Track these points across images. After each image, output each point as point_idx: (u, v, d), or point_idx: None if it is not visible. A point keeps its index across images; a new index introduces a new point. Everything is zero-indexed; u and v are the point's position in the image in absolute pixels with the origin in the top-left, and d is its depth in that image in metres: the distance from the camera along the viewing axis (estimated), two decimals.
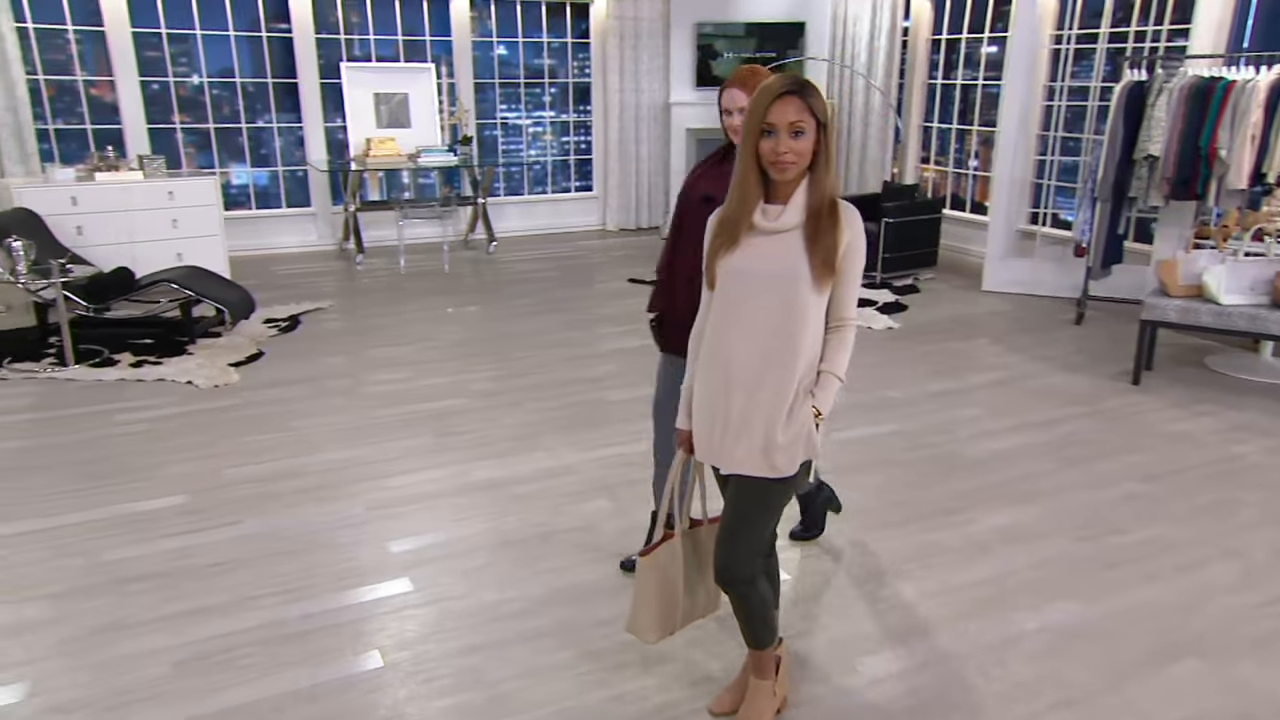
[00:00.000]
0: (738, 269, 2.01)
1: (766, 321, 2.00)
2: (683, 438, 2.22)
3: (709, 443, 2.12)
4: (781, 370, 2.01)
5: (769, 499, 2.12)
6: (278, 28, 8.01)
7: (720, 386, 2.07)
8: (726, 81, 2.44)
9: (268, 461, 3.83)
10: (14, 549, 3.11)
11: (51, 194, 6.00)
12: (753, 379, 2.02)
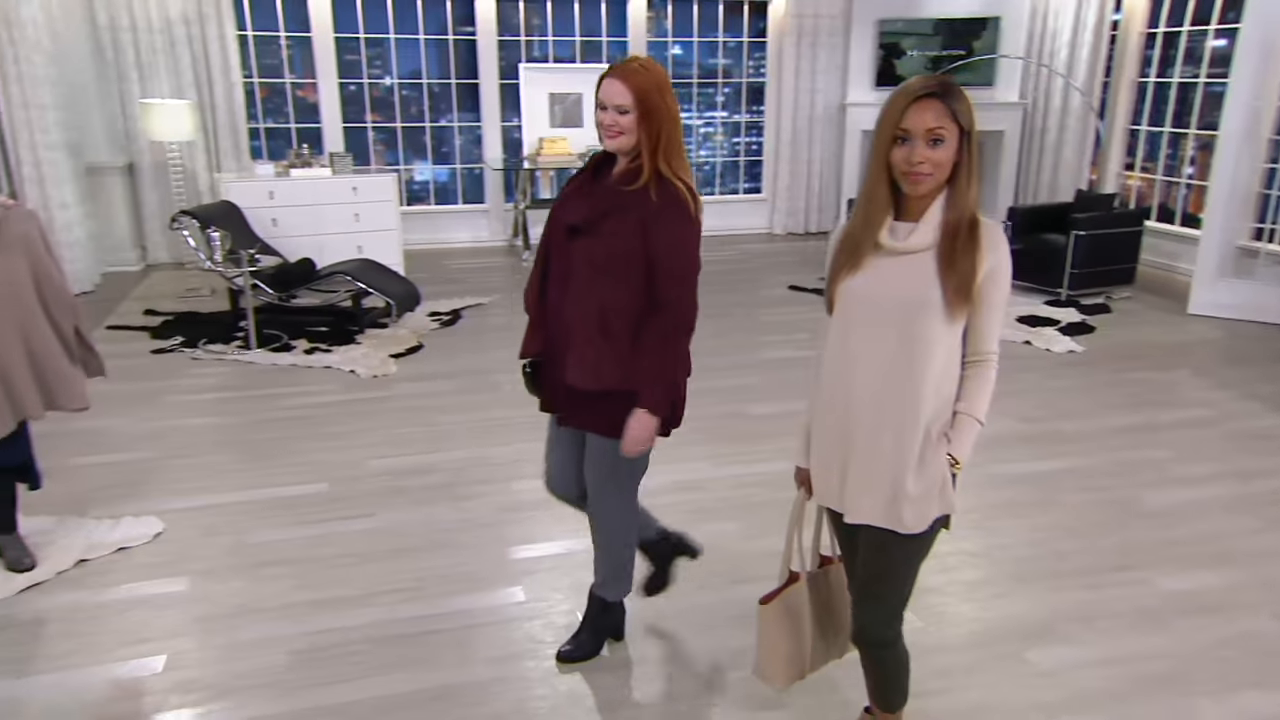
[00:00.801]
0: (859, 293, 1.81)
1: (889, 353, 1.79)
2: (801, 477, 2.05)
3: (827, 486, 1.93)
4: (905, 410, 1.79)
5: (905, 555, 1.88)
6: (464, 30, 8.31)
7: (838, 425, 1.87)
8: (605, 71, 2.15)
9: (407, 455, 3.93)
10: (175, 523, 3.32)
11: (253, 188, 6.49)
12: (874, 419, 1.81)
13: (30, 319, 2.79)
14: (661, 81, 2.10)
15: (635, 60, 2.12)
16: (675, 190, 2.12)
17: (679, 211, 2.13)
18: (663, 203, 2.11)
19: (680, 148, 2.15)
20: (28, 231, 2.81)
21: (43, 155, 6.32)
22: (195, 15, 7.26)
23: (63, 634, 2.66)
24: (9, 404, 2.77)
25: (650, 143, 2.09)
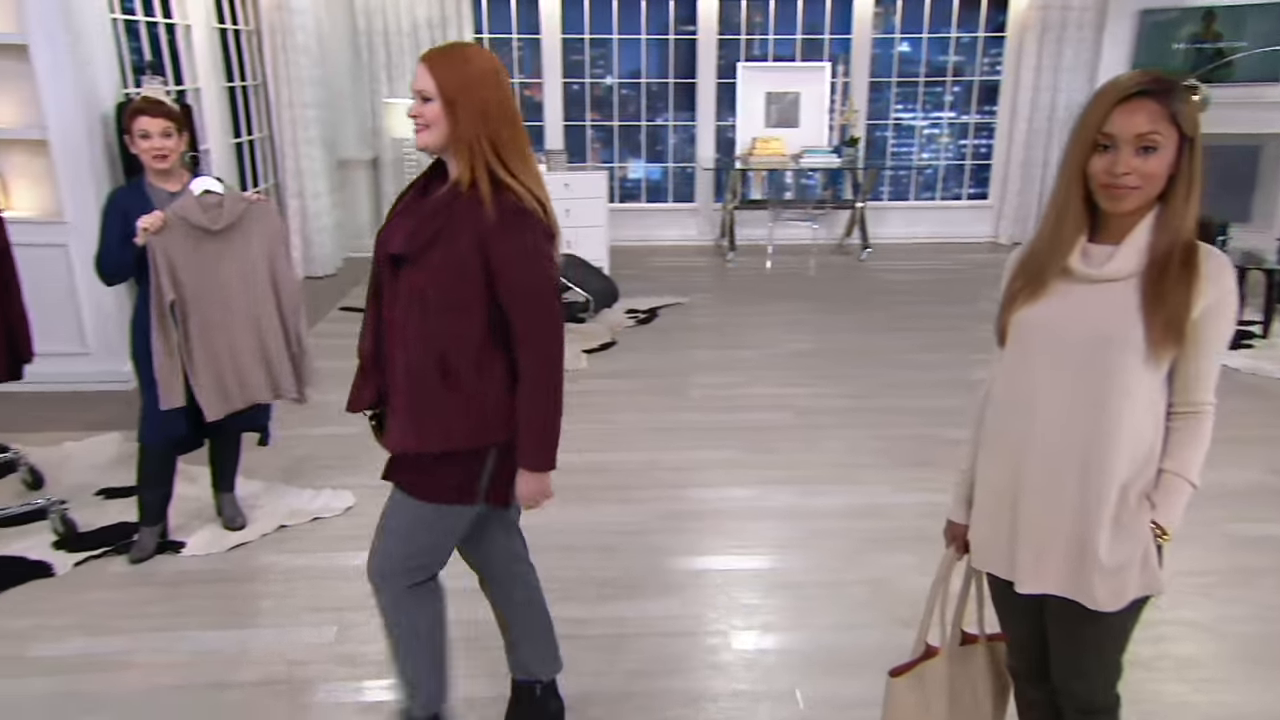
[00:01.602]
0: (1040, 325, 1.57)
1: (1076, 398, 1.54)
2: (954, 533, 1.83)
3: (992, 549, 1.69)
4: (1095, 466, 1.53)
5: (1100, 633, 1.62)
6: (685, 30, 8.35)
7: (1009, 479, 1.63)
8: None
9: (580, 452, 3.97)
10: (365, 499, 3.54)
11: None
12: (1055, 474, 1.56)
13: (263, 309, 3.03)
14: (483, 72, 1.76)
15: (457, 45, 1.81)
16: (516, 198, 1.75)
17: (523, 222, 1.75)
18: (501, 214, 1.74)
19: (523, 152, 1.80)
20: (269, 227, 3.05)
21: (302, 150, 7.00)
22: (438, 19, 7.77)
23: (256, 593, 2.90)
24: (239, 387, 3.04)
25: (469, 141, 1.74)
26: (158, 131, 2.84)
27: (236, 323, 2.98)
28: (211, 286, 2.90)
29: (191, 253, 2.85)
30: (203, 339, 2.91)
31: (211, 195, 2.88)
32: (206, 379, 2.93)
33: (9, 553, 3.09)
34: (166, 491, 3.15)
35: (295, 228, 7.07)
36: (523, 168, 1.78)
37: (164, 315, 2.83)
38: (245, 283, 2.97)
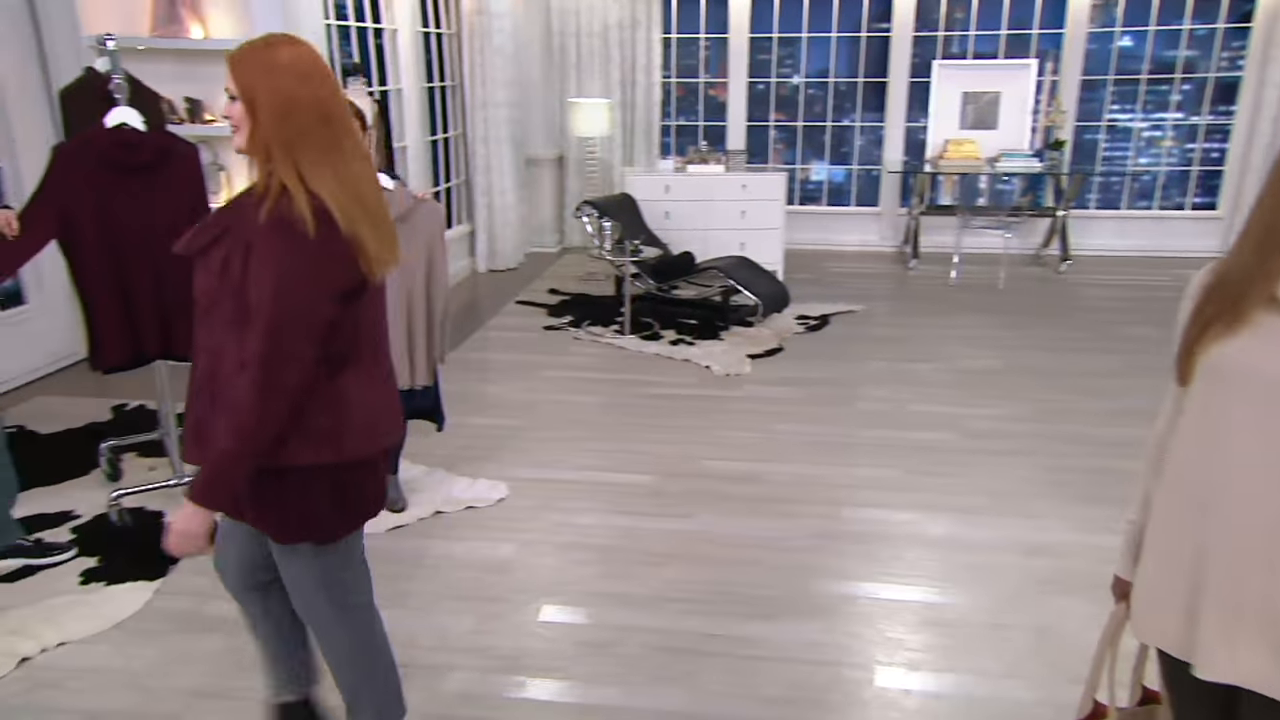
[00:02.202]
0: (1239, 364, 1.34)
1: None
2: (1122, 590, 1.61)
3: (1164, 623, 1.44)
4: None
5: None
6: (878, 27, 8.03)
7: (1191, 537, 1.39)
8: None
9: (737, 460, 3.89)
10: (519, 491, 3.62)
11: (651, 182, 6.88)
12: (1257, 544, 1.32)
13: (415, 300, 3.18)
14: (289, 68, 1.62)
15: (266, 39, 1.67)
16: (290, 208, 1.61)
17: (283, 236, 1.60)
18: (269, 224, 1.61)
19: (329, 152, 1.65)
20: (432, 226, 3.19)
21: (492, 148, 7.30)
22: (628, 20, 7.87)
23: (405, 575, 3.02)
24: (409, 372, 3.18)
25: (265, 142, 1.62)
26: None
27: (399, 316, 3.12)
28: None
29: None
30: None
31: (385, 191, 3.03)
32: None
33: None
34: None
35: (481, 223, 7.37)
36: (329, 174, 1.64)
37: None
38: (404, 273, 3.11)
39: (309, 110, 1.63)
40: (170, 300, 3.09)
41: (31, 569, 3.03)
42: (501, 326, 5.87)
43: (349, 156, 1.68)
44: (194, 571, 3.01)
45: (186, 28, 4.75)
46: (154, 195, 2.99)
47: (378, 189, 1.75)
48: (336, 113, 1.67)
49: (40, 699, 2.40)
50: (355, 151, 1.70)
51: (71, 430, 4.15)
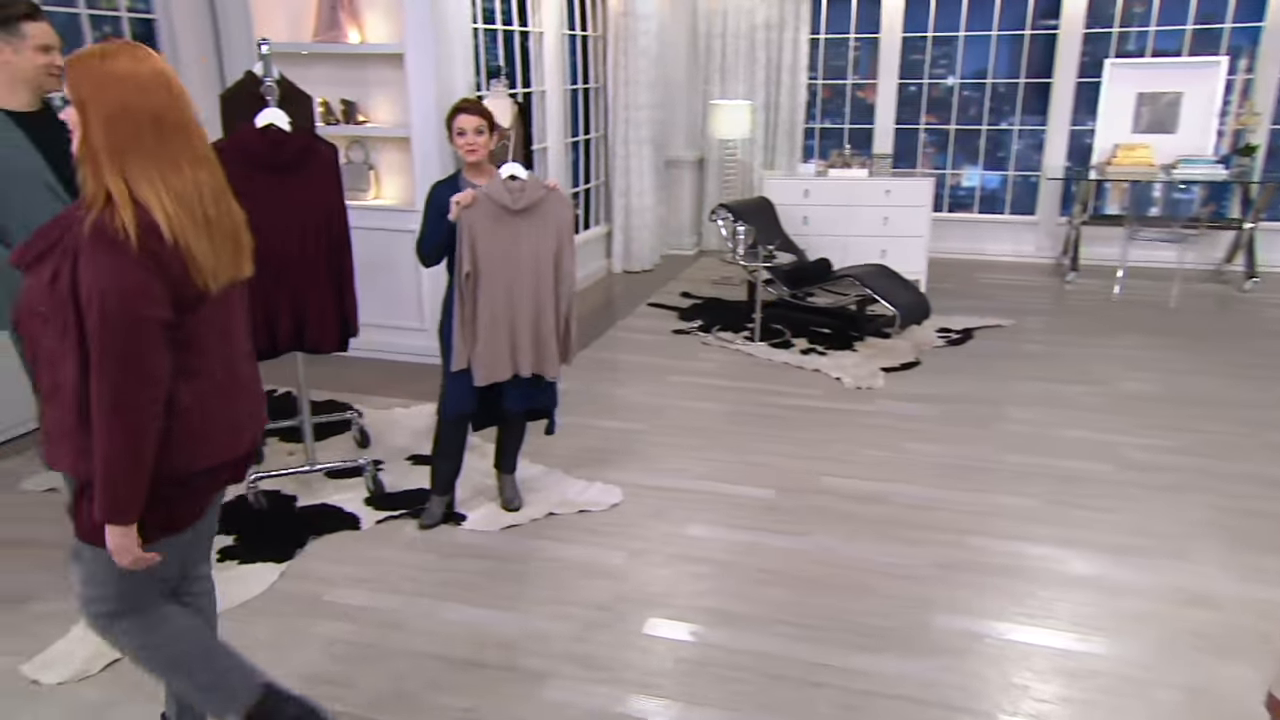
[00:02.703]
0: None
1: None
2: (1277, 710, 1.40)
3: None
4: None
5: None
6: (1044, 24, 7.56)
7: None
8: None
9: (861, 478, 3.71)
10: (633, 497, 3.57)
11: (790, 186, 6.73)
12: None
13: (543, 290, 3.18)
14: (122, 75, 1.61)
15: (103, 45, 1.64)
16: (112, 220, 1.59)
17: (103, 249, 1.58)
18: (90, 236, 1.59)
19: (160, 163, 1.63)
20: (561, 215, 3.20)
21: (632, 149, 7.32)
22: (776, 21, 7.73)
23: (515, 576, 3.03)
24: (510, 357, 3.19)
25: (94, 150, 1.61)
26: (471, 129, 3.07)
27: (518, 297, 3.14)
28: (503, 262, 3.10)
29: (491, 228, 3.06)
30: (487, 309, 3.11)
31: (516, 180, 3.06)
32: (483, 347, 3.12)
33: (331, 502, 3.51)
34: (457, 464, 3.40)
35: (618, 224, 7.41)
36: (159, 185, 1.63)
37: (461, 286, 3.06)
38: (533, 262, 3.12)
39: (140, 120, 1.62)
40: (303, 294, 3.22)
41: None
42: (631, 328, 5.87)
43: (184, 167, 1.67)
44: (319, 558, 3.13)
45: (345, 33, 4.98)
46: (293, 192, 3.13)
47: (219, 200, 1.73)
48: (173, 122, 1.66)
49: None
50: (194, 162, 1.69)
51: None
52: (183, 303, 1.68)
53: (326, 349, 3.35)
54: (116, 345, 1.59)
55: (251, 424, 1.91)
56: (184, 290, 1.67)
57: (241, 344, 1.88)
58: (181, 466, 1.74)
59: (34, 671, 2.50)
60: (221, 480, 1.90)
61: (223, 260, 1.72)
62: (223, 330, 1.80)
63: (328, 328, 3.32)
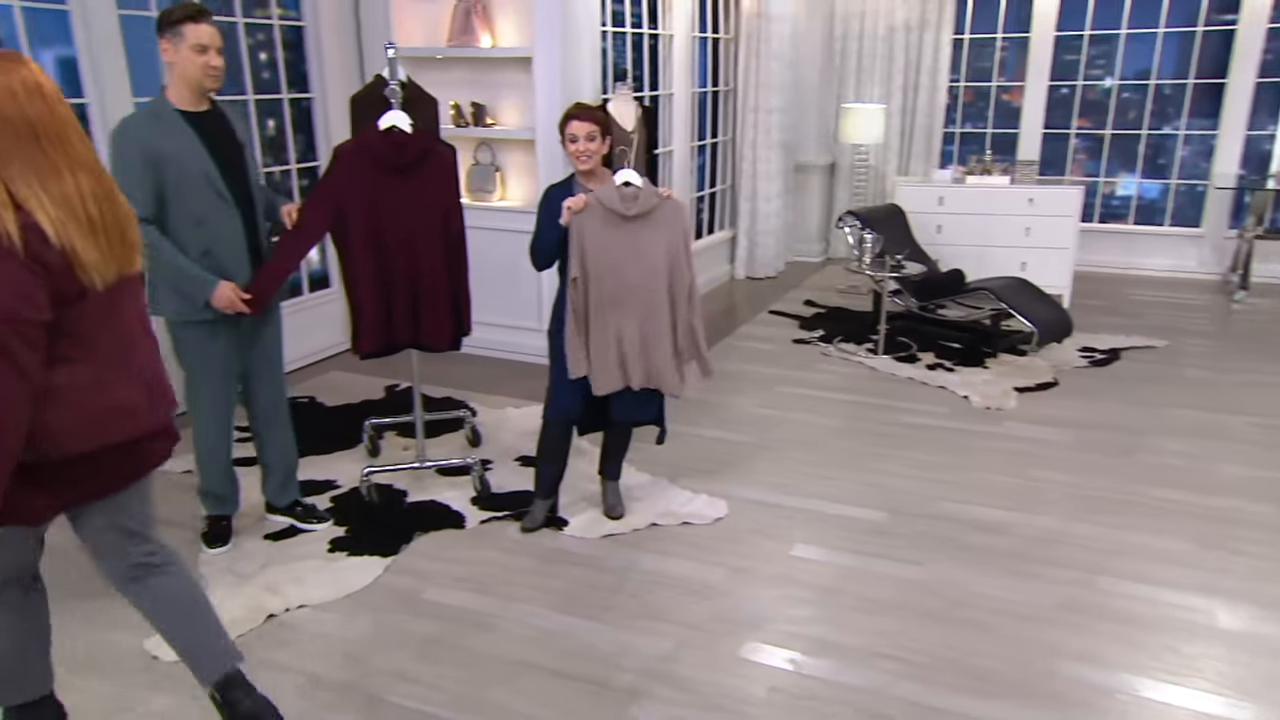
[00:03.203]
0: None
1: None
2: None
3: None
4: None
5: None
6: (1220, 19, 6.96)
7: None
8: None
9: (982, 505, 3.48)
10: (738, 512, 3.47)
11: (924, 193, 6.44)
12: None
13: (656, 299, 3.11)
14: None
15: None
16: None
17: None
18: None
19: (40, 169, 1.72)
20: (678, 223, 3.13)
21: (760, 153, 7.19)
22: (917, 21, 7.43)
23: (611, 587, 2.98)
24: (620, 367, 3.15)
25: None
26: (583, 135, 3.05)
27: (630, 306, 3.09)
28: (612, 269, 3.05)
29: (602, 234, 3.02)
30: (598, 317, 3.07)
31: (630, 187, 3.02)
32: (596, 355, 3.08)
33: (439, 499, 3.57)
34: (560, 468, 3.38)
35: (743, 229, 7.29)
36: (38, 190, 1.72)
37: (571, 291, 3.05)
38: (644, 270, 3.07)
39: (18, 128, 1.71)
40: (419, 292, 3.28)
41: (295, 530, 3.34)
42: (750, 336, 5.74)
43: (65, 172, 1.76)
44: (423, 555, 3.17)
45: (477, 37, 5.08)
46: (413, 193, 3.19)
47: (102, 201, 1.81)
48: (50, 130, 1.75)
49: (274, 656, 2.61)
50: (74, 167, 1.77)
51: (350, 405, 4.57)
52: (66, 298, 1.77)
53: (441, 347, 3.39)
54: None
55: (150, 410, 1.97)
56: (68, 287, 1.76)
57: (134, 333, 1.95)
58: (52, 449, 1.81)
59: (155, 647, 2.63)
60: (111, 465, 1.94)
61: (110, 258, 1.82)
62: (112, 320, 1.88)
63: (442, 327, 3.37)
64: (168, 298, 2.89)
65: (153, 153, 2.71)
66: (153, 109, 2.79)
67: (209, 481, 3.18)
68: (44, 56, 3.98)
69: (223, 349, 3.00)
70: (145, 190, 2.71)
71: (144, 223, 2.68)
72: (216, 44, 2.77)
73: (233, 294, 2.86)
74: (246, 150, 2.99)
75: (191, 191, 2.79)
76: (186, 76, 2.76)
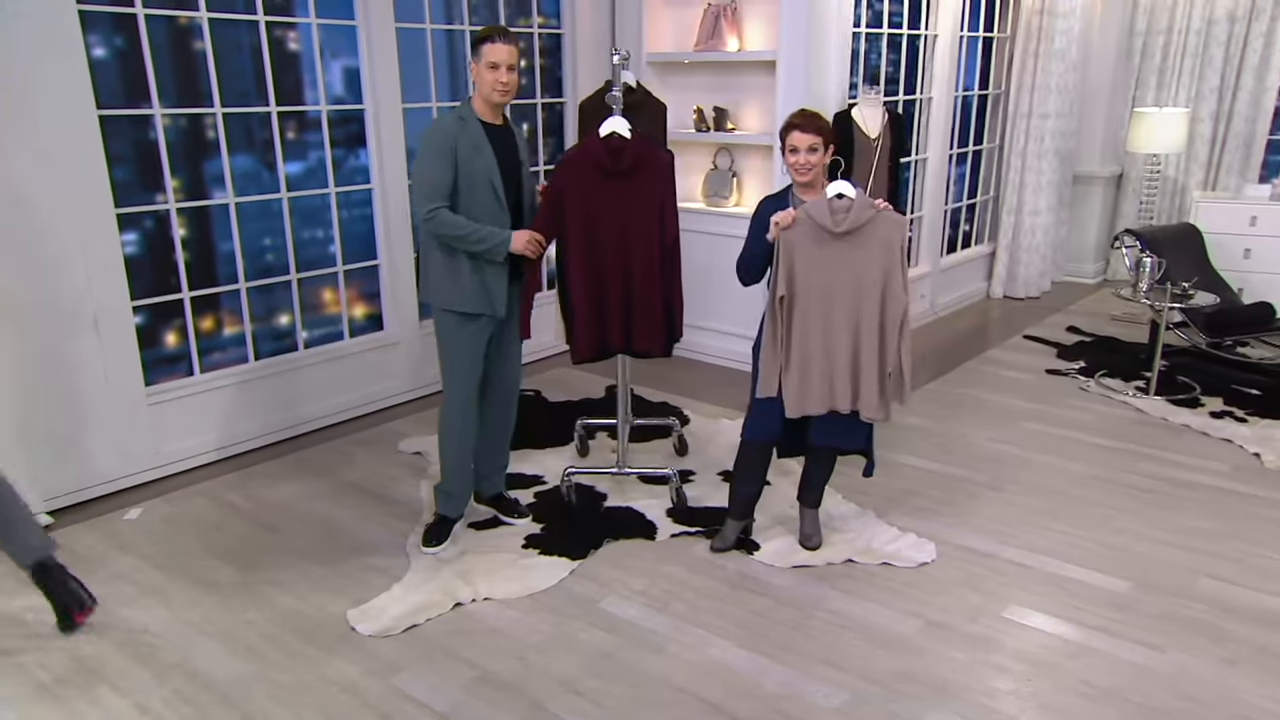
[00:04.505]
0: None
1: None
2: None
3: None
4: None
5: None
6: None
7: None
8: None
9: (1258, 590, 2.90)
10: (947, 559, 3.15)
11: (1231, 211, 5.57)
12: None
13: (864, 318, 2.88)
14: None
15: None
16: None
17: None
18: None
19: None
20: (891, 237, 2.89)
21: (1030, 162, 6.57)
22: (1245, 11, 6.43)
23: (792, 623, 2.80)
24: (824, 390, 2.94)
25: None
26: (805, 147, 2.90)
27: (835, 326, 2.89)
28: (819, 287, 2.88)
29: (810, 250, 2.86)
30: (800, 336, 2.90)
31: (843, 200, 2.83)
32: (794, 376, 2.92)
33: (636, 506, 3.55)
34: (756, 490, 3.24)
35: (1003, 244, 6.69)
36: None
37: (775, 309, 2.90)
38: (853, 289, 2.86)
39: None
40: (635, 297, 3.26)
41: (498, 521, 3.47)
42: (997, 361, 5.24)
43: None
44: (609, 562, 3.16)
45: (725, 41, 5.03)
46: (629, 198, 3.18)
47: None
48: None
49: (453, 644, 2.70)
50: None
51: (570, 402, 4.70)
52: None
53: (654, 353, 3.37)
54: None
55: None
56: None
57: None
58: None
59: (355, 619, 2.81)
60: None
61: None
62: None
63: (655, 332, 3.33)
64: (442, 285, 3.07)
65: (454, 150, 2.92)
66: (459, 113, 3.00)
67: (447, 477, 3.29)
68: (333, 67, 4.43)
69: (478, 341, 3.15)
70: (445, 183, 2.93)
71: (440, 209, 2.92)
72: (509, 62, 2.93)
73: (529, 236, 3.02)
74: (525, 167, 3.16)
75: (476, 193, 2.98)
76: (484, 92, 2.96)
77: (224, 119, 3.89)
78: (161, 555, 3.20)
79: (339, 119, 4.38)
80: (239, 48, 3.97)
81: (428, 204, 2.92)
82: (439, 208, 2.92)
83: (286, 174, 4.17)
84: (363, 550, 3.24)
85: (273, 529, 3.39)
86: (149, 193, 3.78)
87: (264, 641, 2.70)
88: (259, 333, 4.22)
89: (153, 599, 2.92)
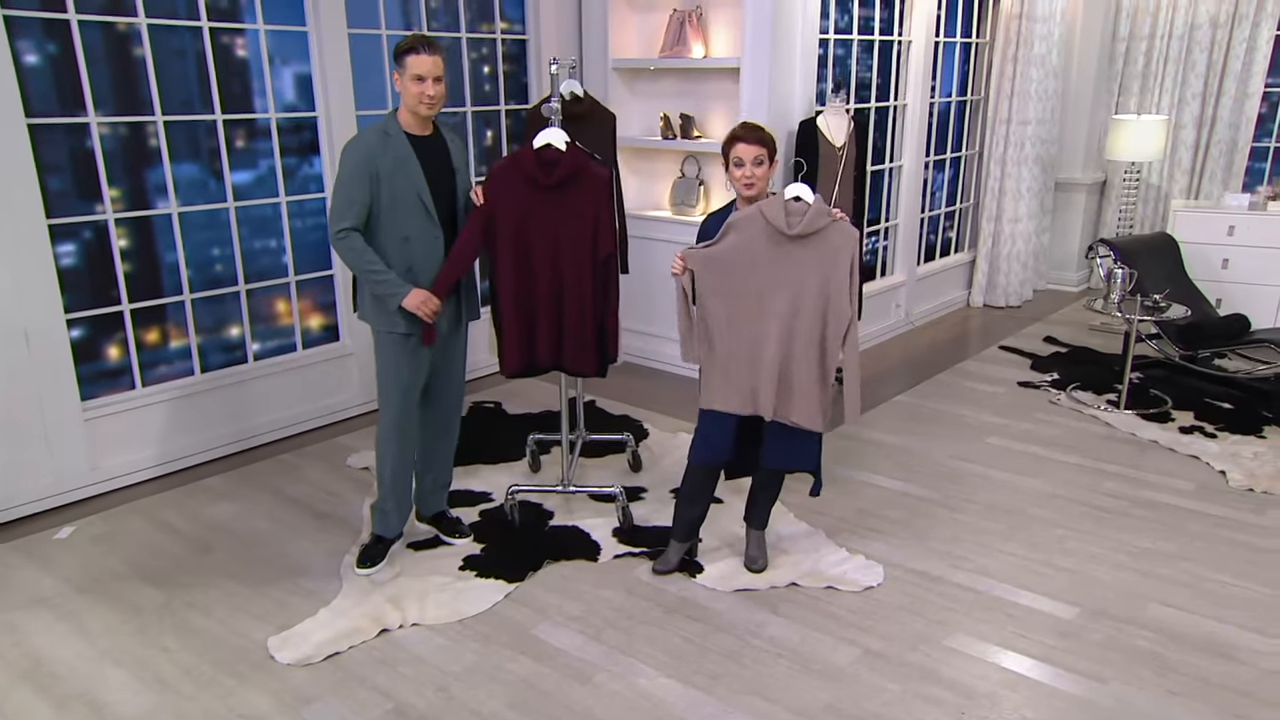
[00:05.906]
0: None
1: None
2: None
3: None
4: None
5: None
6: None
7: None
8: None
9: (1210, 618, 2.80)
10: (893, 583, 3.05)
11: (1208, 221, 5.48)
12: None
13: (799, 326, 2.78)
14: None
15: None
16: None
17: None
18: None
19: None
20: (841, 247, 2.80)
21: (1009, 169, 6.47)
22: (1228, 17, 6.33)
23: (728, 652, 2.70)
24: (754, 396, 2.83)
25: None
26: (750, 159, 2.84)
27: (769, 334, 2.81)
28: (753, 290, 2.80)
29: (758, 249, 2.78)
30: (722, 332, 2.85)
31: (800, 203, 2.74)
32: (728, 379, 2.85)
33: (581, 525, 3.46)
34: (701, 512, 3.15)
35: (982, 252, 6.59)
36: None
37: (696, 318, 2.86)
38: (791, 296, 2.78)
39: None
40: (566, 317, 3.17)
41: (439, 541, 3.37)
42: (967, 373, 5.14)
43: None
44: (546, 585, 3.07)
45: (690, 48, 4.94)
46: (562, 212, 3.08)
47: None
48: None
49: (372, 674, 2.61)
50: None
51: (530, 415, 4.60)
52: None
53: (586, 374, 3.27)
54: None
55: None
56: None
57: None
58: None
59: (275, 646, 2.72)
60: None
61: None
62: None
63: (586, 352, 3.23)
64: (375, 306, 3.00)
65: (375, 169, 2.84)
66: (385, 126, 2.91)
67: (383, 495, 3.19)
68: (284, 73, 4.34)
69: (416, 359, 3.06)
70: (360, 203, 2.84)
71: (350, 232, 2.85)
72: (435, 73, 2.84)
73: (424, 298, 2.92)
74: (459, 175, 3.07)
75: (403, 209, 2.90)
76: (409, 103, 2.87)
77: (166, 127, 3.81)
78: (85, 578, 3.10)
79: (290, 126, 4.29)
80: (182, 54, 3.88)
81: (339, 222, 2.85)
82: (349, 229, 2.85)
83: (234, 183, 4.09)
84: (295, 572, 3.15)
85: (206, 549, 3.30)
86: (86, 203, 3.69)
87: (176, 671, 2.61)
88: (206, 345, 4.13)
89: (67, 625, 2.83)
